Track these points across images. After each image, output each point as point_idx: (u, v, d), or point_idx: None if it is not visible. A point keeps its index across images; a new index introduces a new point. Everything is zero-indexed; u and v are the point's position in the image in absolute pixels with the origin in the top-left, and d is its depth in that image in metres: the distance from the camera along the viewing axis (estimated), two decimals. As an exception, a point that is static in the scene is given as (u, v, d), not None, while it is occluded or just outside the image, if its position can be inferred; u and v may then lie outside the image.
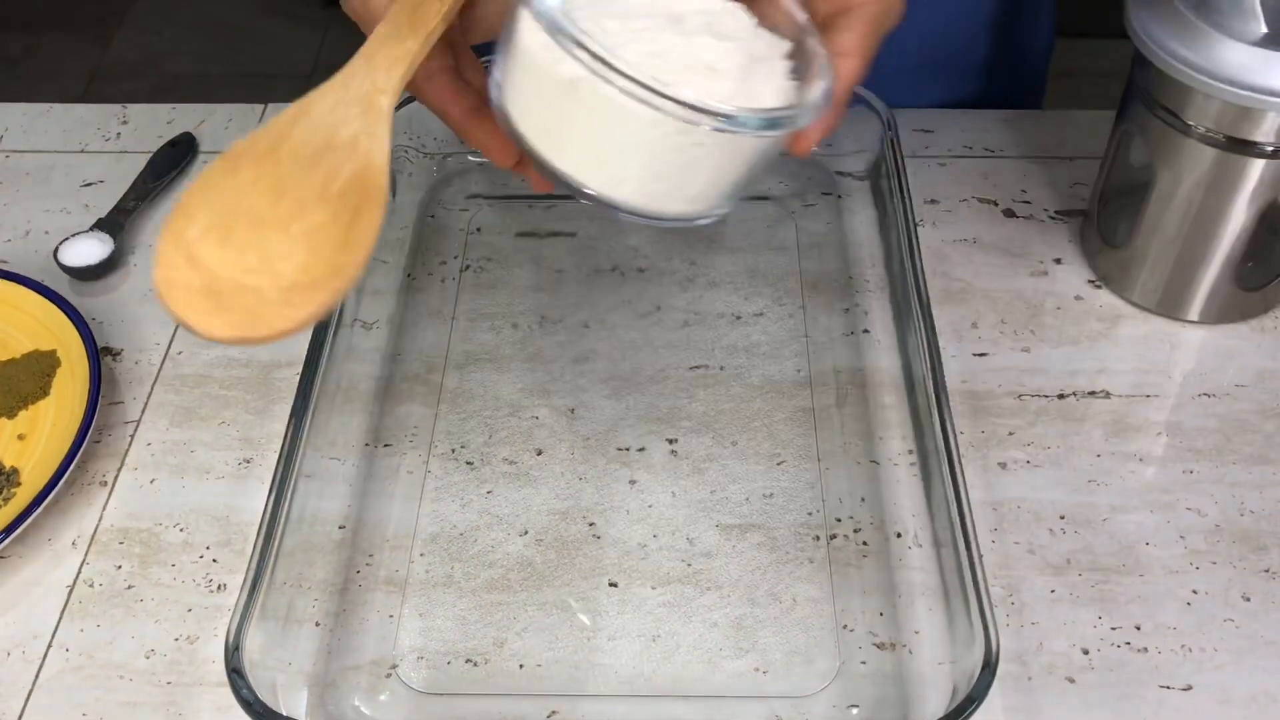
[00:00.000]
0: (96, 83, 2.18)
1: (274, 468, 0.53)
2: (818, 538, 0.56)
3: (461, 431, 0.61)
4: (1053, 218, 0.72)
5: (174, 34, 2.29)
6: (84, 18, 2.32)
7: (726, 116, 0.40)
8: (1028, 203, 0.72)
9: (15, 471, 0.59)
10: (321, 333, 0.58)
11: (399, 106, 0.45)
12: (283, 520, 0.51)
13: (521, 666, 0.52)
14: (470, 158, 0.74)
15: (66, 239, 0.70)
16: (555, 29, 0.39)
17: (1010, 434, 0.60)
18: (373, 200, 0.40)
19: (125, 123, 0.80)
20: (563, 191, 0.43)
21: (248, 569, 0.49)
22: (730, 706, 0.51)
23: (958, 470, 0.52)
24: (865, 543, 0.56)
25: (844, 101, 0.45)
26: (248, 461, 0.60)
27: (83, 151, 0.78)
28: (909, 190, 0.64)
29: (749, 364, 0.64)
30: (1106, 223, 0.67)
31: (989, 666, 0.46)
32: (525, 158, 0.44)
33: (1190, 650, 0.52)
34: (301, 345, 0.59)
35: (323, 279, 0.39)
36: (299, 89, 0.44)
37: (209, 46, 2.24)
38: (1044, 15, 0.83)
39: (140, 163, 0.76)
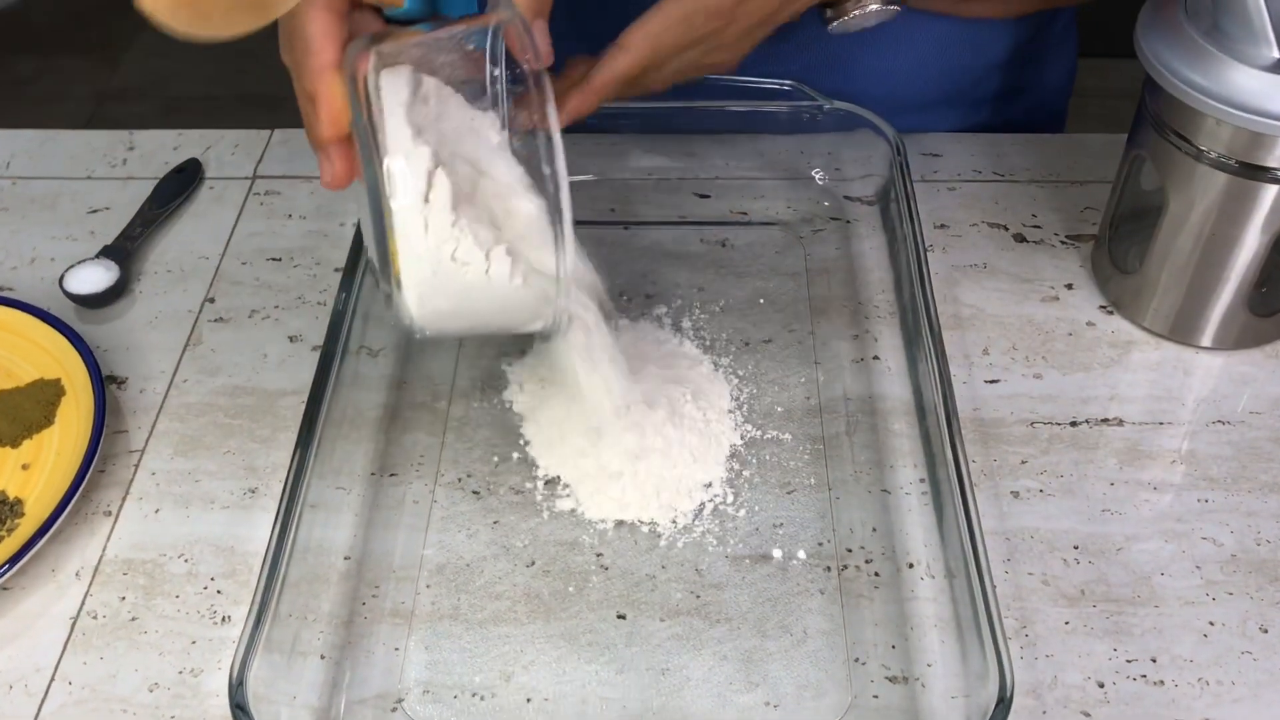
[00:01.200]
0: (104, 105, 2.19)
1: (279, 497, 0.52)
2: (829, 568, 0.56)
3: (468, 460, 0.61)
4: (1064, 243, 0.71)
5: (181, 57, 2.29)
6: (92, 41, 2.33)
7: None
8: (1038, 227, 0.72)
9: (19, 502, 0.58)
10: (327, 360, 0.58)
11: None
12: (288, 551, 0.51)
13: (529, 700, 0.52)
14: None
15: (72, 266, 0.69)
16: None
17: (1022, 462, 0.60)
18: None
19: (131, 149, 0.79)
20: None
21: (252, 600, 0.49)
22: (741, 741, 0.50)
23: (970, 500, 0.51)
24: (877, 573, 0.55)
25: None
26: (253, 491, 0.60)
27: (89, 178, 0.78)
28: (918, 215, 0.64)
29: (758, 391, 0.63)
30: (1118, 248, 0.67)
31: (1004, 701, 0.45)
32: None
33: (1207, 683, 0.52)
34: (307, 373, 0.58)
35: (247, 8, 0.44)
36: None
37: (216, 69, 2.25)
38: (1064, 51, 0.81)
39: (146, 189, 0.76)
